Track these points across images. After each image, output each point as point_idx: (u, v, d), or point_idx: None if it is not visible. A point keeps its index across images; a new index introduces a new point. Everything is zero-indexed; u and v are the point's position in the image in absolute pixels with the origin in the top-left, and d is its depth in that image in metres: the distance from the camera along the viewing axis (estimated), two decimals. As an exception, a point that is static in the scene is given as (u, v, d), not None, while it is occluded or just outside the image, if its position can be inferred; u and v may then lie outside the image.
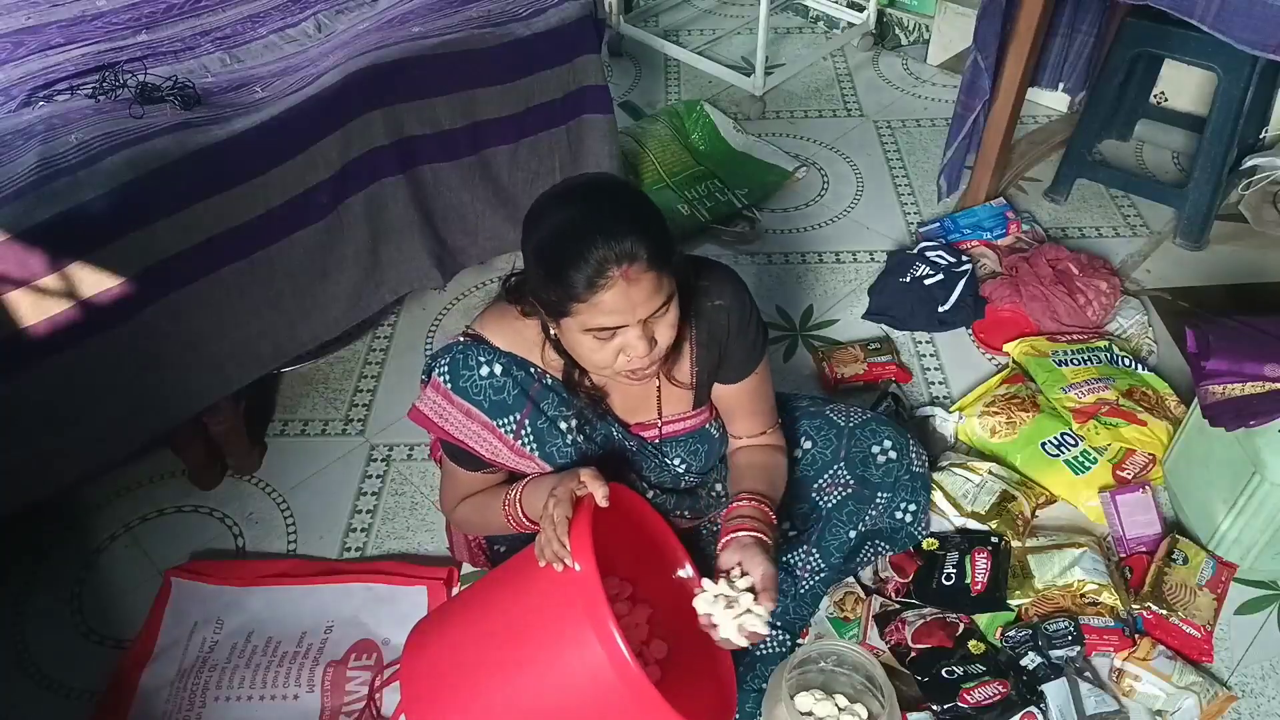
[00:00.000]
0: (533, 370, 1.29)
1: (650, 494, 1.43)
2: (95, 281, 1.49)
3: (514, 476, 1.36)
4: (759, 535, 1.25)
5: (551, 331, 1.22)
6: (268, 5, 1.99)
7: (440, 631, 1.28)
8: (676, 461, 1.42)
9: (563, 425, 1.30)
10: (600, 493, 1.15)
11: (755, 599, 1.19)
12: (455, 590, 1.66)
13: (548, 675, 1.13)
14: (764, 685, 1.42)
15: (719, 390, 1.39)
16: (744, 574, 1.21)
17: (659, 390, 1.36)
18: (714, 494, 1.51)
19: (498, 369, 1.27)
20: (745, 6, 3.39)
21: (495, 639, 1.19)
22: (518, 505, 1.29)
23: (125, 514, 1.82)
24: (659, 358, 1.20)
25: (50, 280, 1.45)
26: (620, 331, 1.14)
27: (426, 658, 1.24)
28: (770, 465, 1.41)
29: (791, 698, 1.36)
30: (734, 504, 1.32)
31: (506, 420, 1.28)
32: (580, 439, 1.32)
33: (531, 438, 1.29)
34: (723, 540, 1.27)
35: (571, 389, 1.30)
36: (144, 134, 1.53)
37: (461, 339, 1.29)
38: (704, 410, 1.41)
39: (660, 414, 1.38)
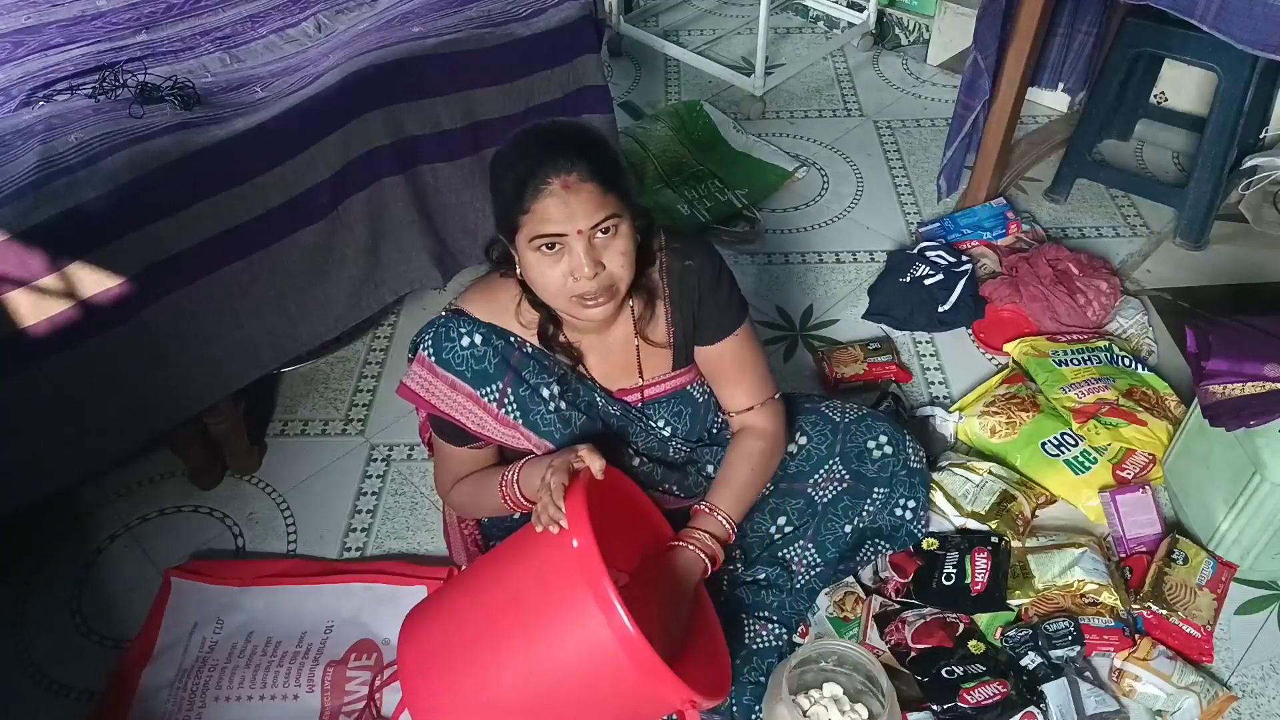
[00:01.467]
0: (512, 339, 1.33)
1: (637, 461, 1.44)
2: (95, 281, 1.49)
3: (504, 456, 1.39)
4: (705, 558, 1.34)
5: (518, 270, 1.26)
6: (268, 5, 1.99)
7: (438, 607, 1.29)
8: (661, 424, 1.45)
9: (545, 392, 1.34)
10: (597, 466, 1.20)
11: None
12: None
13: (547, 644, 1.15)
14: (760, 679, 1.43)
15: (701, 354, 1.42)
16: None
17: (638, 351, 1.39)
18: (704, 475, 1.52)
19: (478, 339, 1.31)
20: (745, 6, 3.39)
21: (493, 611, 1.20)
22: (515, 485, 1.33)
23: (125, 514, 1.83)
24: (609, 285, 1.23)
25: (50, 280, 1.45)
26: (564, 245, 1.19)
27: (425, 631, 1.25)
28: (738, 462, 1.43)
29: (792, 696, 1.36)
30: (698, 510, 1.39)
31: (489, 389, 1.32)
32: (563, 405, 1.35)
33: (515, 405, 1.33)
34: (677, 542, 1.35)
35: (547, 344, 1.33)
36: (144, 134, 1.53)
37: (443, 314, 1.34)
38: (685, 372, 1.44)
39: (642, 376, 1.41)
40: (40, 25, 1.87)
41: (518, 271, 1.27)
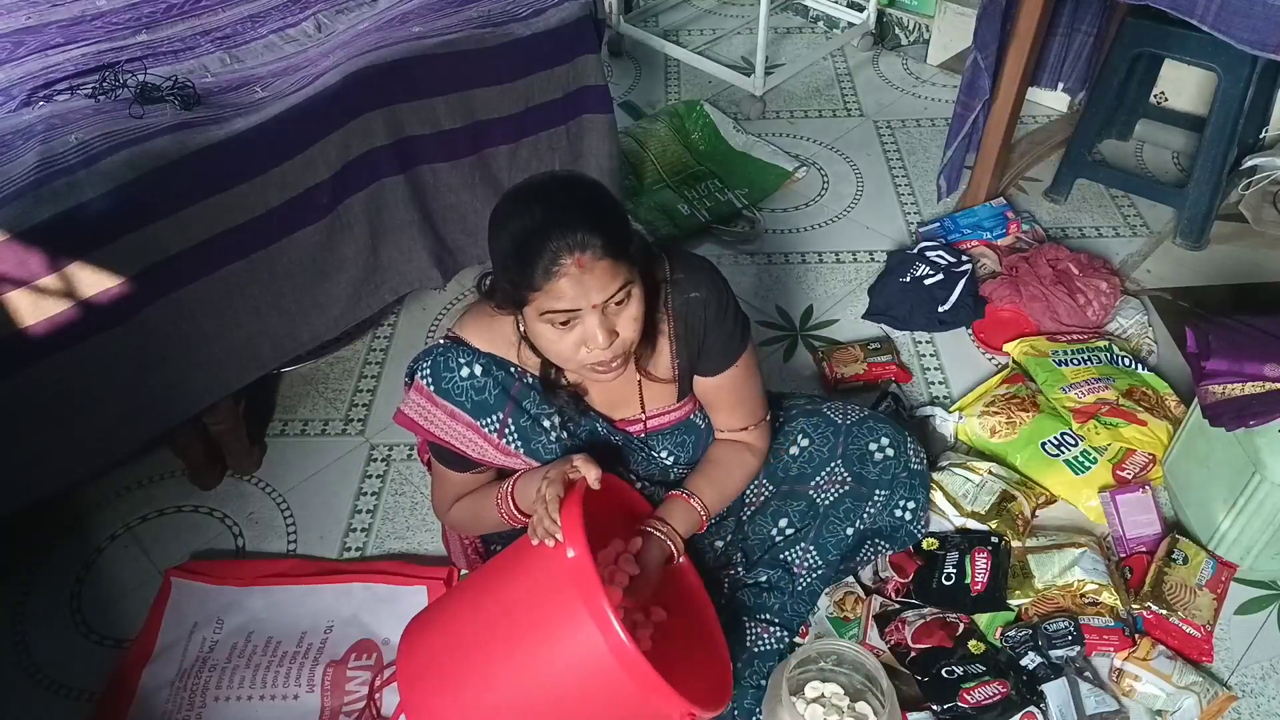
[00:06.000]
0: (513, 370, 1.30)
1: (639, 486, 1.44)
2: (95, 281, 1.49)
3: (503, 474, 1.38)
4: (672, 545, 1.33)
5: (522, 327, 1.24)
6: (268, 5, 1.99)
7: (436, 618, 1.29)
8: (664, 454, 1.43)
9: (546, 423, 1.32)
10: (593, 475, 1.18)
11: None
12: (455, 590, 1.67)
13: (544, 656, 1.14)
14: (762, 681, 1.43)
15: (699, 383, 1.40)
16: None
17: (640, 385, 1.37)
18: None
19: (478, 369, 1.28)
20: (745, 6, 3.39)
21: (491, 623, 1.20)
22: (510, 499, 1.31)
23: (125, 514, 1.83)
24: (623, 351, 1.21)
25: (50, 280, 1.45)
26: (577, 319, 1.16)
27: (423, 643, 1.25)
28: (733, 466, 1.43)
29: (792, 697, 1.36)
30: (678, 496, 1.38)
31: (489, 420, 1.30)
32: (564, 435, 1.33)
33: (516, 435, 1.31)
34: (645, 525, 1.34)
35: (550, 387, 1.31)
36: (144, 134, 1.53)
37: (442, 341, 1.31)
38: (688, 402, 1.42)
39: (644, 409, 1.39)
40: (40, 25, 1.87)
41: (522, 328, 1.24)
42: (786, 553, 1.51)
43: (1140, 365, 1.94)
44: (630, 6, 3.30)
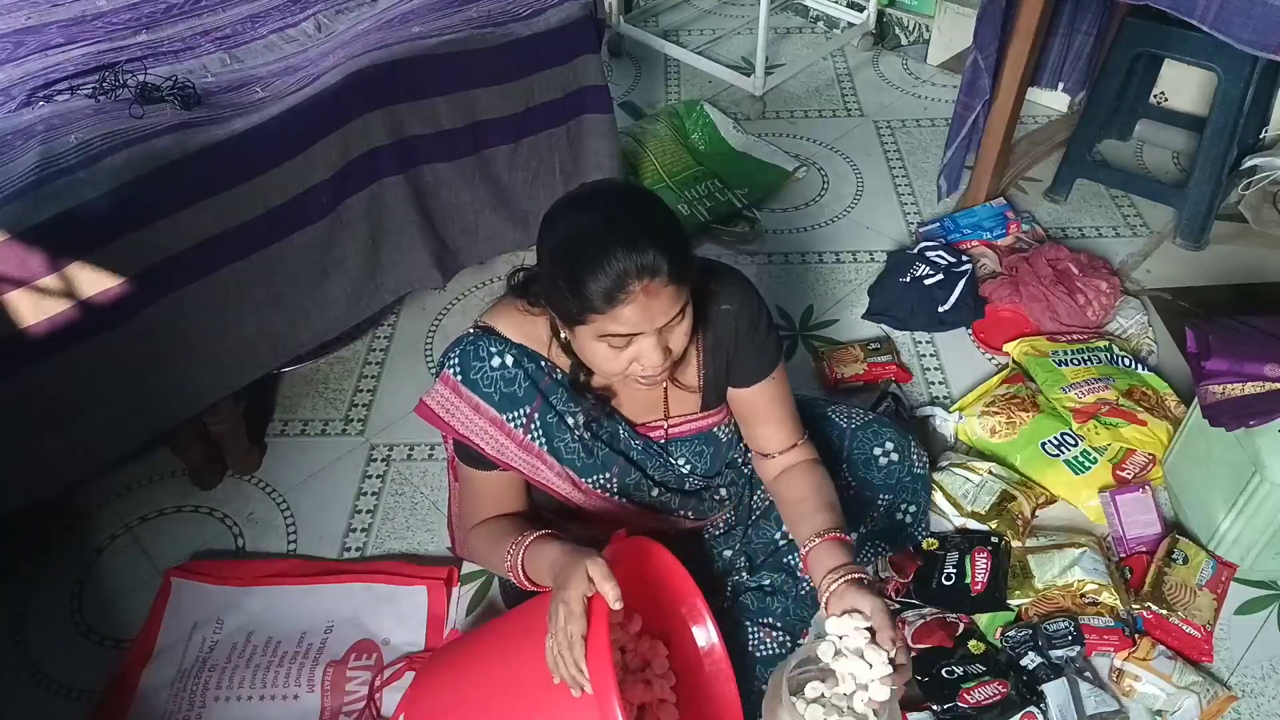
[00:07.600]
0: (543, 364, 1.28)
1: (655, 492, 1.43)
2: (95, 281, 1.49)
3: (523, 518, 1.35)
4: (856, 575, 1.19)
5: (562, 335, 1.22)
6: (268, 5, 1.99)
7: (450, 679, 1.26)
8: (681, 462, 1.42)
9: (570, 421, 1.31)
10: (612, 595, 1.07)
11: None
12: (455, 590, 1.66)
13: None
14: (764, 687, 1.42)
15: (735, 395, 1.38)
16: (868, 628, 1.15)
17: (665, 392, 1.36)
18: (717, 498, 1.51)
19: (509, 360, 1.26)
20: (745, 6, 3.39)
21: (504, 704, 1.17)
22: (520, 569, 1.24)
23: (125, 514, 1.83)
24: (670, 364, 1.20)
25: (50, 280, 1.45)
26: (635, 340, 1.14)
27: (434, 703, 1.23)
28: (822, 487, 1.34)
29: (792, 697, 1.36)
30: (832, 539, 1.24)
31: (516, 414, 1.28)
32: (587, 435, 1.32)
33: (540, 432, 1.29)
34: (827, 596, 1.20)
35: (578, 390, 1.30)
36: (144, 134, 1.53)
37: (471, 330, 1.28)
38: (712, 413, 1.41)
39: (667, 415, 1.39)
40: (40, 25, 1.87)
41: (563, 336, 1.21)
42: (790, 557, 1.51)
43: (1140, 365, 1.94)
44: (630, 6, 3.30)
